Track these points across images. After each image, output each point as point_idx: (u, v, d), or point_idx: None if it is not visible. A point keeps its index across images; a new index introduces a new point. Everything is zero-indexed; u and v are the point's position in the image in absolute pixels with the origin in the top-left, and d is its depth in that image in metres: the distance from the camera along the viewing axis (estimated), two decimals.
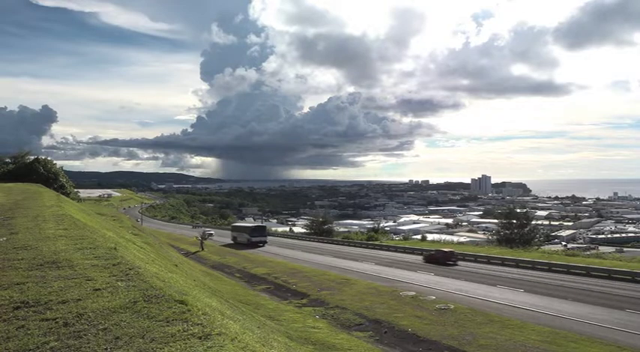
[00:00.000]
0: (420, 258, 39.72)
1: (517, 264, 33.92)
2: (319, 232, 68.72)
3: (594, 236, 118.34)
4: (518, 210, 52.06)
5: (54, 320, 5.39)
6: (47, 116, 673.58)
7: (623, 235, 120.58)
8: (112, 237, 14.15)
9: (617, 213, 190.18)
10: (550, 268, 31.91)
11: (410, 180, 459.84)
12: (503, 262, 35.16)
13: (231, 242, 59.37)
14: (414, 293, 24.00)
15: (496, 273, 31.07)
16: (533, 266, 32.92)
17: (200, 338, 4.79)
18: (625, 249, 75.46)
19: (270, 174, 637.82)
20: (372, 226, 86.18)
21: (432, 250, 39.97)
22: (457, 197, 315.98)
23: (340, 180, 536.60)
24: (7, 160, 42.98)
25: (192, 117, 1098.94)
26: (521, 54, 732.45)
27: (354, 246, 53.11)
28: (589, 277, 28.77)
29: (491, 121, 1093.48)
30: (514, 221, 48.80)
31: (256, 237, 56.31)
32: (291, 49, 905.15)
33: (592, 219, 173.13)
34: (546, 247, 50.02)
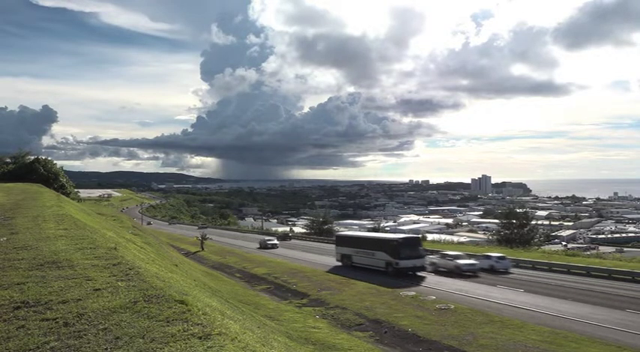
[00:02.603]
0: None
1: (517, 263, 33.83)
2: (319, 232, 68.66)
3: (594, 236, 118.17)
4: (518, 210, 51.90)
5: (54, 320, 5.39)
6: (47, 116, 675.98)
7: (624, 235, 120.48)
8: (112, 237, 14.16)
9: (618, 213, 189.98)
10: (550, 268, 31.88)
11: (410, 180, 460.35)
12: None
13: (335, 263, 35.68)
14: (414, 293, 23.99)
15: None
16: (533, 266, 32.88)
17: (200, 338, 4.78)
18: (625, 249, 75.30)
19: (270, 174, 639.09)
20: (372, 226, 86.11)
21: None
22: (457, 197, 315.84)
23: (340, 180, 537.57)
24: (8, 160, 42.98)
25: (192, 117, 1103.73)
26: (520, 54, 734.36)
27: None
28: (589, 277, 28.76)
29: (491, 121, 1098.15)
30: (514, 221, 48.74)
31: (408, 260, 30.13)
32: (290, 49, 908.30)
33: (592, 219, 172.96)
34: (546, 247, 49.88)
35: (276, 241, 54.50)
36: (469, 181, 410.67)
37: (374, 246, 32.97)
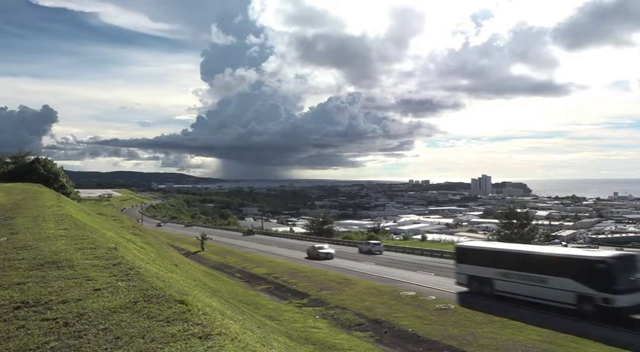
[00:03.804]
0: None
1: None
2: (319, 232, 68.67)
3: (594, 236, 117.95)
4: (519, 210, 51.93)
5: (54, 320, 5.38)
6: (47, 116, 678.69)
7: (624, 235, 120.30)
8: (112, 236, 14.15)
9: (618, 213, 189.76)
10: None
11: (410, 180, 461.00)
12: None
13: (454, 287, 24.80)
14: (414, 293, 23.97)
15: None
16: None
17: (200, 338, 4.77)
18: (625, 249, 75.20)
19: (270, 174, 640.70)
20: (372, 226, 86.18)
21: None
22: (457, 197, 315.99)
23: (340, 180, 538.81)
24: (8, 160, 42.93)
25: (192, 117, 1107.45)
26: (520, 54, 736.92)
27: (355, 246, 53.06)
28: None
29: (491, 121, 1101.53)
30: (514, 221, 48.76)
31: (629, 294, 18.06)
32: (290, 49, 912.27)
33: (592, 219, 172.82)
34: None
35: (331, 250, 42.18)
36: (469, 181, 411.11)
37: (547, 267, 20.71)
